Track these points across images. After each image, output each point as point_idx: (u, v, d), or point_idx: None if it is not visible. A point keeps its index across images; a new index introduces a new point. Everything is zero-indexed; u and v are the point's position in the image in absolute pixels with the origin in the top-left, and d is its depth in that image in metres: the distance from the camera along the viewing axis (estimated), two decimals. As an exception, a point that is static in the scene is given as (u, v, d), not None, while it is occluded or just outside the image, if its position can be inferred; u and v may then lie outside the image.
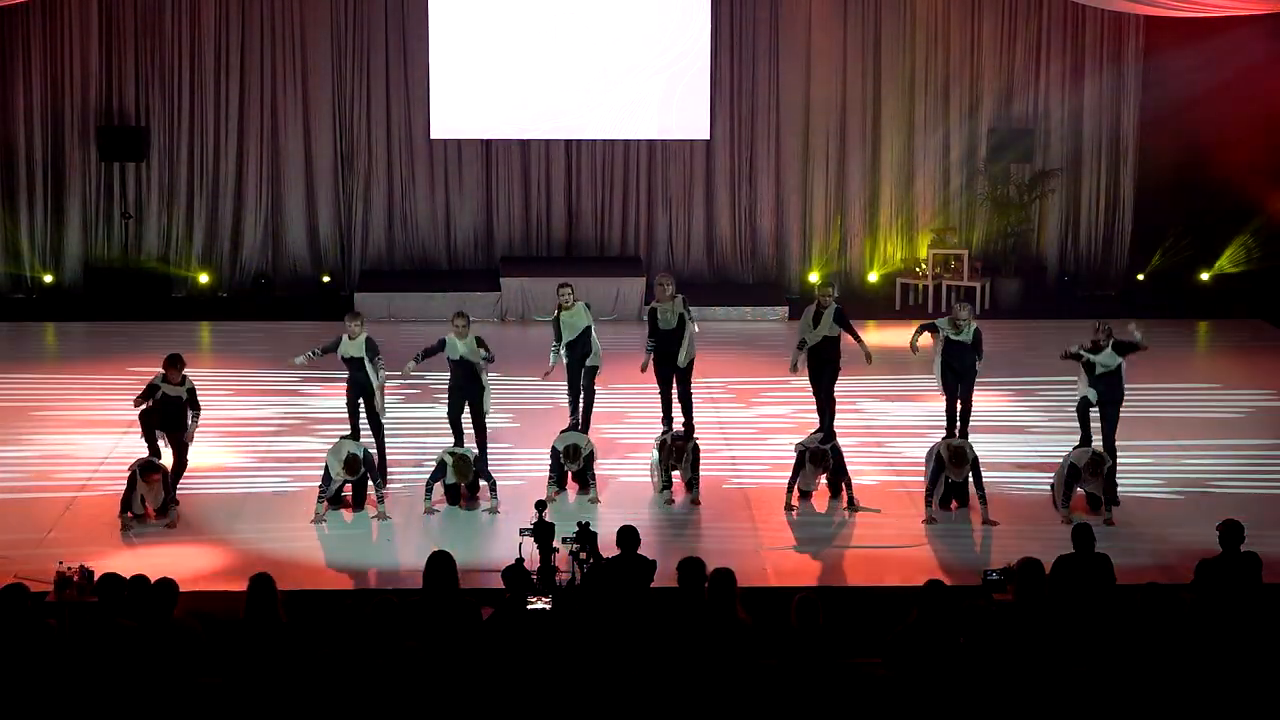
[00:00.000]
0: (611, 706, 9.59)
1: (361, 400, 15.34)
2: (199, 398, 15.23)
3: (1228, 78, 23.09)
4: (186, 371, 15.14)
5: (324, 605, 12.28)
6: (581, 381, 16.12)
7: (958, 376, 15.72)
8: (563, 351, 16.08)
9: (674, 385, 16.04)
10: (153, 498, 14.70)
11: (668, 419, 16.05)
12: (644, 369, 16.04)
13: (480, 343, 15.50)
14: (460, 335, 15.38)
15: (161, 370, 15.08)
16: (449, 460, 15.06)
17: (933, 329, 15.72)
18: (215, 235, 24.03)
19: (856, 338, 15.77)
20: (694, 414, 16.06)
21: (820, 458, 15.04)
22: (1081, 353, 15.27)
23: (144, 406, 15.03)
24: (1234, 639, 10.31)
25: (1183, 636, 10.09)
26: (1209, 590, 11.18)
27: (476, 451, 15.35)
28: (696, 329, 15.99)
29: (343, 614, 9.87)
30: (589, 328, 16.10)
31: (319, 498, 14.90)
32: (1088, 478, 14.76)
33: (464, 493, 15.22)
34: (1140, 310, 23.35)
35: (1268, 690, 9.81)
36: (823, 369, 15.78)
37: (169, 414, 15.06)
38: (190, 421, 15.15)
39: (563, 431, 15.69)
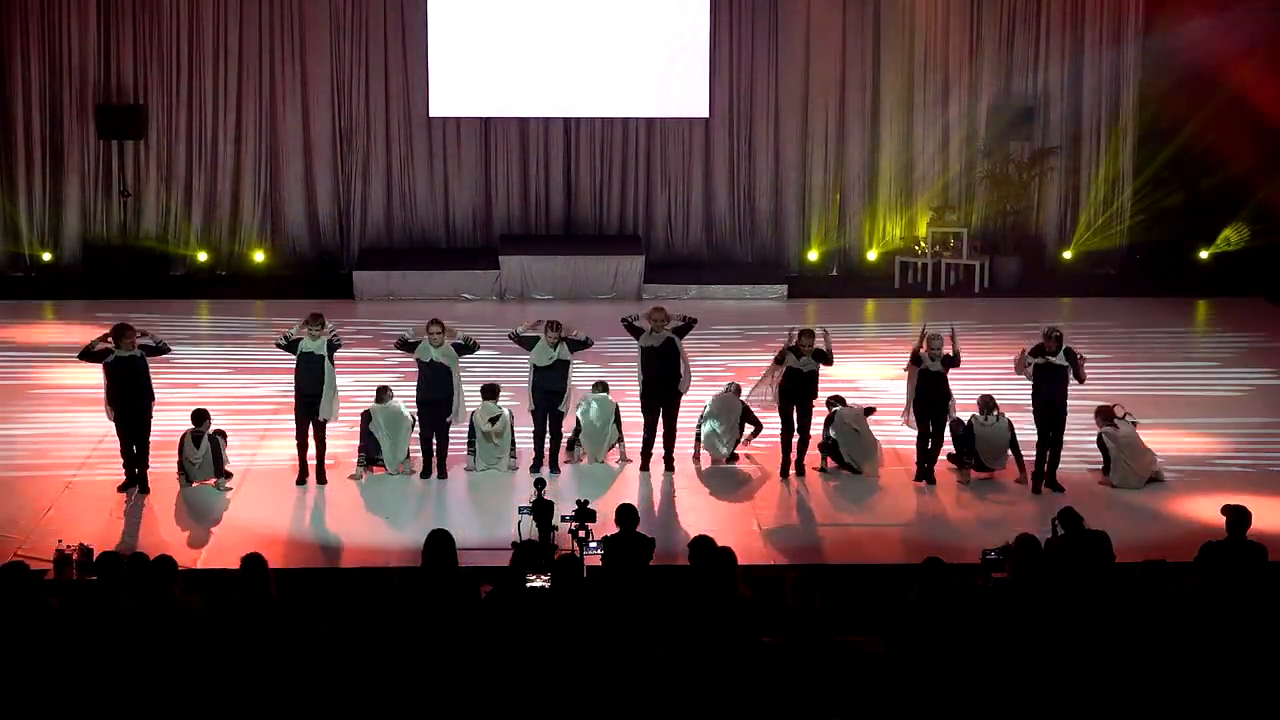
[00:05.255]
0: (614, 683, 9.61)
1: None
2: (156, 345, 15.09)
3: (1228, 56, 23.08)
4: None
5: (321, 583, 12.29)
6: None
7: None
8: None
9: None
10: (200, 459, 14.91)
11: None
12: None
13: (460, 347, 15.37)
14: (435, 343, 15.25)
15: (111, 342, 14.84)
16: (481, 424, 15.36)
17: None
18: (214, 213, 24.02)
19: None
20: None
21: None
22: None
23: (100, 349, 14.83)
24: (1235, 622, 10.31)
25: (1183, 614, 10.12)
26: (1212, 573, 11.17)
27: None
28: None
29: (341, 592, 9.88)
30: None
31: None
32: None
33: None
34: (1139, 288, 23.49)
35: (1266, 671, 9.84)
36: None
37: (125, 379, 14.82)
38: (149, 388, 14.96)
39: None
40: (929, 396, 15.21)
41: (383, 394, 15.59)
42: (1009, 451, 15.37)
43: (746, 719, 9.42)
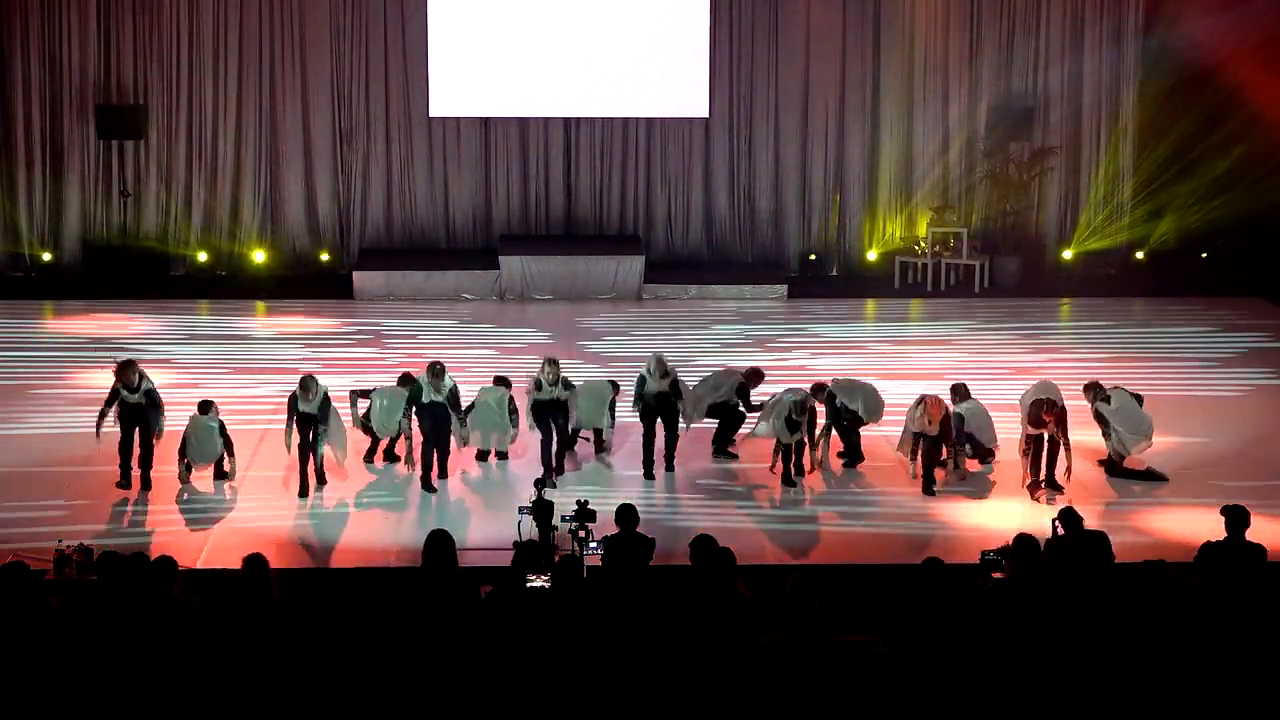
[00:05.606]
0: (614, 683, 9.61)
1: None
2: (160, 398, 15.10)
3: (1227, 55, 23.09)
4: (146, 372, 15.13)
5: (321, 583, 12.29)
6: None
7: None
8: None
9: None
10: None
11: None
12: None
13: (454, 400, 15.18)
14: (435, 388, 15.04)
15: (115, 378, 14.88)
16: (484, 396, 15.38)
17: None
18: (214, 213, 24.01)
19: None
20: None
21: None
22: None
23: (107, 422, 14.85)
24: (1235, 622, 10.32)
25: (1182, 614, 10.12)
26: (1211, 573, 11.17)
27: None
28: None
29: (341, 592, 9.87)
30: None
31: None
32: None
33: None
34: (1140, 287, 23.51)
35: (1266, 671, 9.84)
36: None
37: (134, 420, 14.90)
38: (155, 421, 14.99)
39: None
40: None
41: (404, 381, 15.56)
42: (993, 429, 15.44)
43: (746, 719, 9.42)
